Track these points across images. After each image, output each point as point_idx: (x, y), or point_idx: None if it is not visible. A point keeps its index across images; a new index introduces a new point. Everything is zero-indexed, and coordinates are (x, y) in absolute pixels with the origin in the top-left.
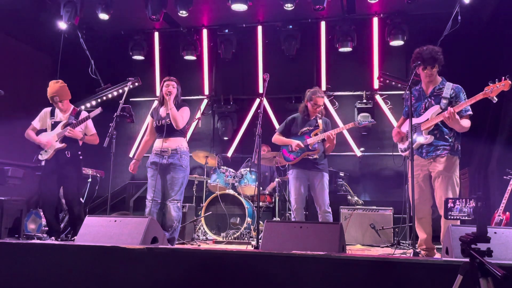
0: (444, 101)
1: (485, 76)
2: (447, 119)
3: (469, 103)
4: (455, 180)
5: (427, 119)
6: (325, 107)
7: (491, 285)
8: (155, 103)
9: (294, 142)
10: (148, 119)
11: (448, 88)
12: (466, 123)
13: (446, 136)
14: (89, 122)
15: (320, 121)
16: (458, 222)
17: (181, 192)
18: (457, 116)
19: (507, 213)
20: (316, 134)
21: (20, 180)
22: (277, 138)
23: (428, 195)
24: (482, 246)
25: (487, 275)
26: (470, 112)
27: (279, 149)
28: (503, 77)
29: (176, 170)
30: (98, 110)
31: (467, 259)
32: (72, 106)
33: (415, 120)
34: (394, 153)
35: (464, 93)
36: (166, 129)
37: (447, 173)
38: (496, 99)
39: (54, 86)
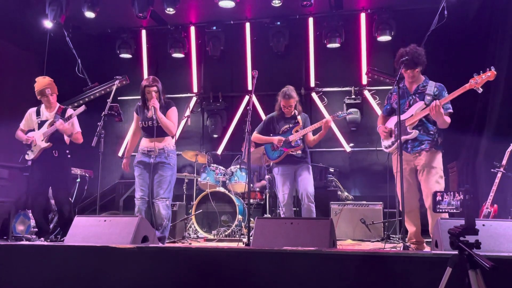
0: (428, 98)
1: (471, 70)
2: (432, 111)
3: (455, 95)
4: (439, 172)
5: (412, 115)
6: (314, 103)
7: (480, 276)
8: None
9: (275, 139)
10: (129, 116)
11: (432, 86)
12: (447, 119)
13: (430, 131)
14: (75, 120)
15: (299, 117)
16: (447, 215)
17: (169, 190)
18: (442, 110)
19: (495, 205)
20: (297, 131)
21: (7, 181)
22: (256, 136)
23: (415, 189)
24: (471, 239)
25: (476, 267)
26: (451, 110)
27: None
28: (488, 68)
29: (164, 169)
30: (81, 108)
31: (456, 252)
32: (58, 105)
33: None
34: (377, 148)
35: (446, 92)
36: (153, 131)
37: (432, 165)
38: (482, 90)
39: (43, 80)
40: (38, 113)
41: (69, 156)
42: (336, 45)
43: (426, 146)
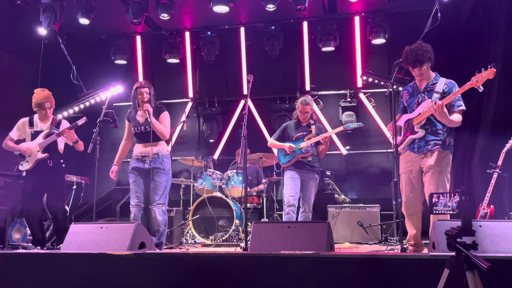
0: (436, 95)
1: (465, 71)
2: (434, 112)
3: (457, 94)
4: (446, 175)
5: (419, 114)
6: (314, 112)
7: (477, 277)
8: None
9: (286, 145)
10: (125, 122)
11: (441, 83)
12: (456, 117)
13: (438, 131)
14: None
15: (313, 127)
16: (448, 217)
17: (165, 195)
18: (445, 109)
19: (491, 206)
20: (309, 139)
21: (2, 189)
22: (272, 142)
23: (419, 191)
24: (468, 240)
25: (473, 268)
26: (463, 107)
27: (265, 151)
28: (489, 66)
29: (159, 174)
30: (83, 120)
31: (453, 253)
32: (52, 116)
33: (408, 116)
34: (388, 150)
35: (457, 87)
36: (146, 136)
37: (437, 167)
38: (482, 88)
39: (43, 93)
40: (31, 124)
41: (63, 165)
42: (331, 48)
43: (433, 146)
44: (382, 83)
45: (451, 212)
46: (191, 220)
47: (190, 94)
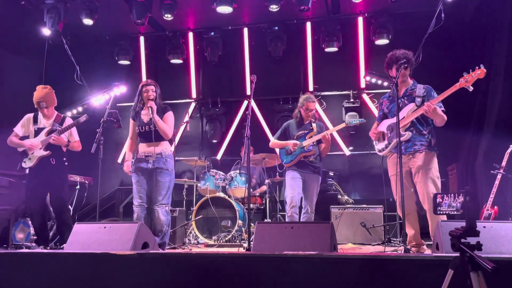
0: (418, 99)
1: (468, 72)
2: (426, 112)
3: (446, 94)
4: (436, 173)
5: (403, 117)
6: (316, 111)
7: (482, 278)
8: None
9: (291, 143)
10: (128, 122)
11: (420, 89)
12: (444, 116)
13: (423, 132)
14: (73, 129)
15: (314, 125)
16: (445, 217)
17: (168, 195)
18: (437, 108)
19: (495, 207)
20: (311, 137)
21: (6, 189)
22: (274, 142)
23: (411, 191)
24: (472, 240)
25: (478, 269)
26: (443, 109)
27: (268, 151)
28: (477, 67)
29: (162, 174)
30: (84, 118)
31: (457, 254)
32: (56, 113)
33: (390, 121)
34: (371, 152)
35: (434, 92)
36: (150, 135)
37: (427, 167)
38: (472, 88)
39: (41, 91)
40: (35, 120)
41: (66, 163)
42: (334, 49)
43: (420, 147)
44: (386, 83)
45: (455, 212)
46: (194, 220)
47: (193, 95)
